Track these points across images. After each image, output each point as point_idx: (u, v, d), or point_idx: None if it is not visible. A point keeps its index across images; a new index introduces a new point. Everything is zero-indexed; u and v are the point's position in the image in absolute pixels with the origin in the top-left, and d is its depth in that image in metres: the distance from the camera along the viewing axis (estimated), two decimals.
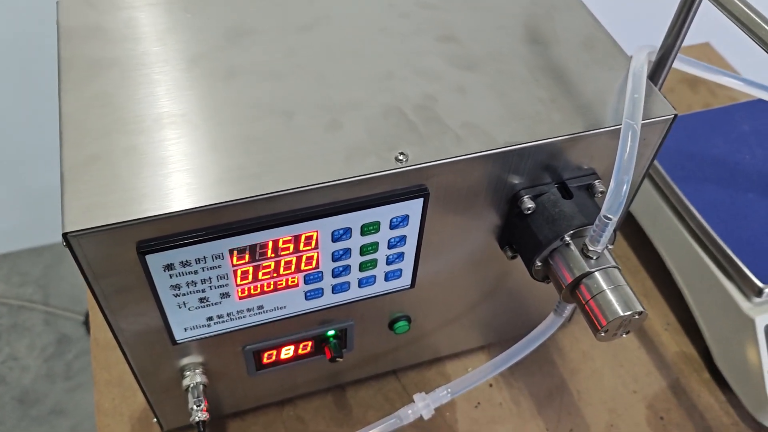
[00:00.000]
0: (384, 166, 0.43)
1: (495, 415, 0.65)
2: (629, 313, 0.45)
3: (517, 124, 0.46)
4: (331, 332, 0.56)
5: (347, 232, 0.45)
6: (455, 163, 0.44)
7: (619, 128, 0.45)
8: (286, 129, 0.45)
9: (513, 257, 0.53)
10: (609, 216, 0.44)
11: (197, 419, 0.52)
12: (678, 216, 0.69)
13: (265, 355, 0.55)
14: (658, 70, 0.52)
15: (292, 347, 0.56)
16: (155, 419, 0.59)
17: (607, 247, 0.49)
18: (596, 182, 0.50)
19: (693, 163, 0.71)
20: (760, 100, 0.75)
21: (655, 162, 0.71)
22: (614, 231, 0.50)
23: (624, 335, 0.48)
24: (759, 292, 0.61)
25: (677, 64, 0.52)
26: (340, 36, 0.52)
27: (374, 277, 0.51)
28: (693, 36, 1.10)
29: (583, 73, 0.51)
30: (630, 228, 0.78)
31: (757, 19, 0.42)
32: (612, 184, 0.43)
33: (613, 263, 0.48)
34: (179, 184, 0.41)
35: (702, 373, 0.69)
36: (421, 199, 0.45)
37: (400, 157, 0.43)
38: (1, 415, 1.42)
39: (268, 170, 0.42)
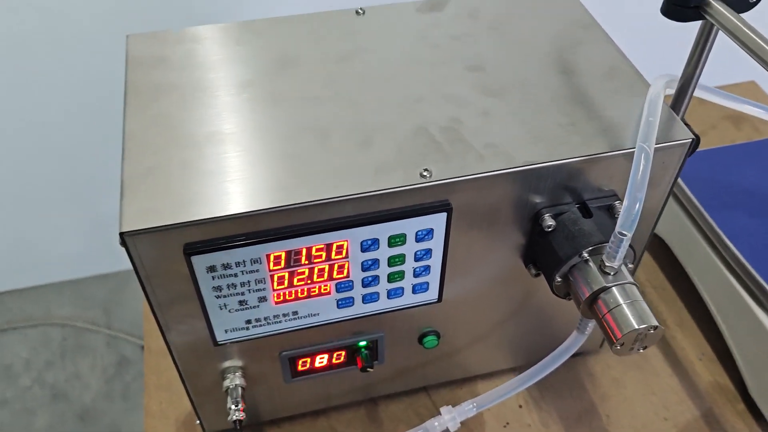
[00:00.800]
0: (409, 180, 0.47)
1: None
2: (644, 326, 0.47)
3: (537, 146, 0.49)
4: (362, 343, 0.59)
5: (375, 242, 0.49)
6: (477, 180, 0.48)
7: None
8: (322, 147, 0.49)
9: (537, 275, 0.55)
10: (623, 232, 0.46)
11: (234, 418, 0.56)
12: (711, 245, 0.70)
13: (300, 362, 0.59)
14: (680, 99, 0.55)
15: (326, 356, 0.59)
16: (198, 421, 0.63)
17: (626, 265, 0.51)
18: (616, 203, 0.52)
19: (727, 193, 0.72)
20: None
21: (689, 192, 0.72)
22: (633, 250, 0.52)
23: (641, 350, 0.49)
24: None
25: (698, 93, 0.55)
26: (375, 65, 0.57)
27: (402, 289, 0.54)
28: (740, 74, 1.11)
29: (604, 100, 0.53)
30: (667, 259, 0.79)
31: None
32: (626, 201, 0.46)
33: (630, 280, 0.49)
34: (224, 193, 0.46)
35: (737, 404, 0.69)
36: (445, 214, 0.49)
37: (425, 173, 0.47)
38: (62, 429, 1.49)
39: (303, 182, 0.47)
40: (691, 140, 0.50)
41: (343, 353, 0.59)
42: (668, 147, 0.50)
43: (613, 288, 0.49)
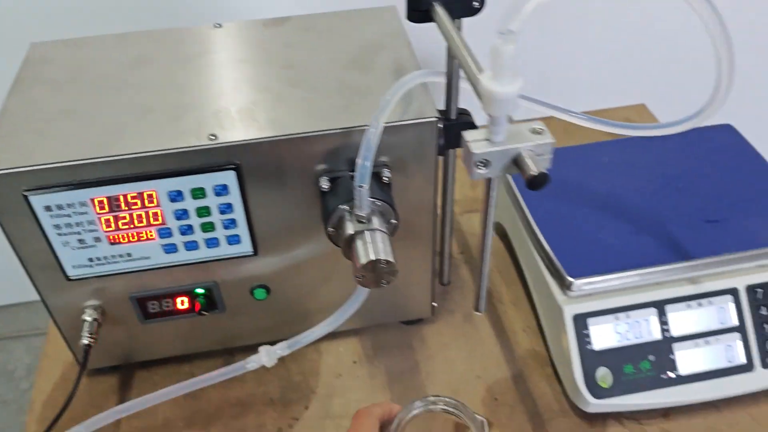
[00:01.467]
0: (199, 142, 0.60)
1: (352, 385, 0.77)
2: (379, 258, 0.58)
3: (308, 121, 0.62)
4: (200, 290, 0.71)
5: (180, 194, 0.62)
6: (255, 145, 0.61)
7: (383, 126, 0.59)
8: (142, 119, 0.63)
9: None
10: (361, 185, 0.58)
11: (84, 343, 0.69)
12: (528, 232, 0.80)
13: (150, 304, 0.71)
14: (450, 89, 0.66)
15: (170, 300, 0.71)
16: (75, 357, 0.76)
17: (390, 221, 0.63)
18: (384, 170, 0.64)
19: (548, 189, 0.82)
20: (624, 139, 0.86)
21: (514, 187, 0.83)
22: (394, 210, 0.63)
23: (385, 284, 0.60)
24: (569, 286, 0.71)
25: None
26: (212, 64, 0.71)
27: (217, 239, 0.66)
28: (631, 98, 1.21)
29: (381, 91, 0.66)
30: (511, 248, 0.89)
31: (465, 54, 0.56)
32: (358, 160, 0.58)
33: (381, 228, 0.61)
34: (59, 150, 0.60)
35: (546, 368, 0.78)
36: (233, 172, 0.62)
37: (212, 137, 0.61)
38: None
39: (120, 143, 0.61)
40: (435, 119, 0.62)
41: (186, 299, 0.72)
42: (417, 123, 0.62)
43: (365, 232, 0.60)
